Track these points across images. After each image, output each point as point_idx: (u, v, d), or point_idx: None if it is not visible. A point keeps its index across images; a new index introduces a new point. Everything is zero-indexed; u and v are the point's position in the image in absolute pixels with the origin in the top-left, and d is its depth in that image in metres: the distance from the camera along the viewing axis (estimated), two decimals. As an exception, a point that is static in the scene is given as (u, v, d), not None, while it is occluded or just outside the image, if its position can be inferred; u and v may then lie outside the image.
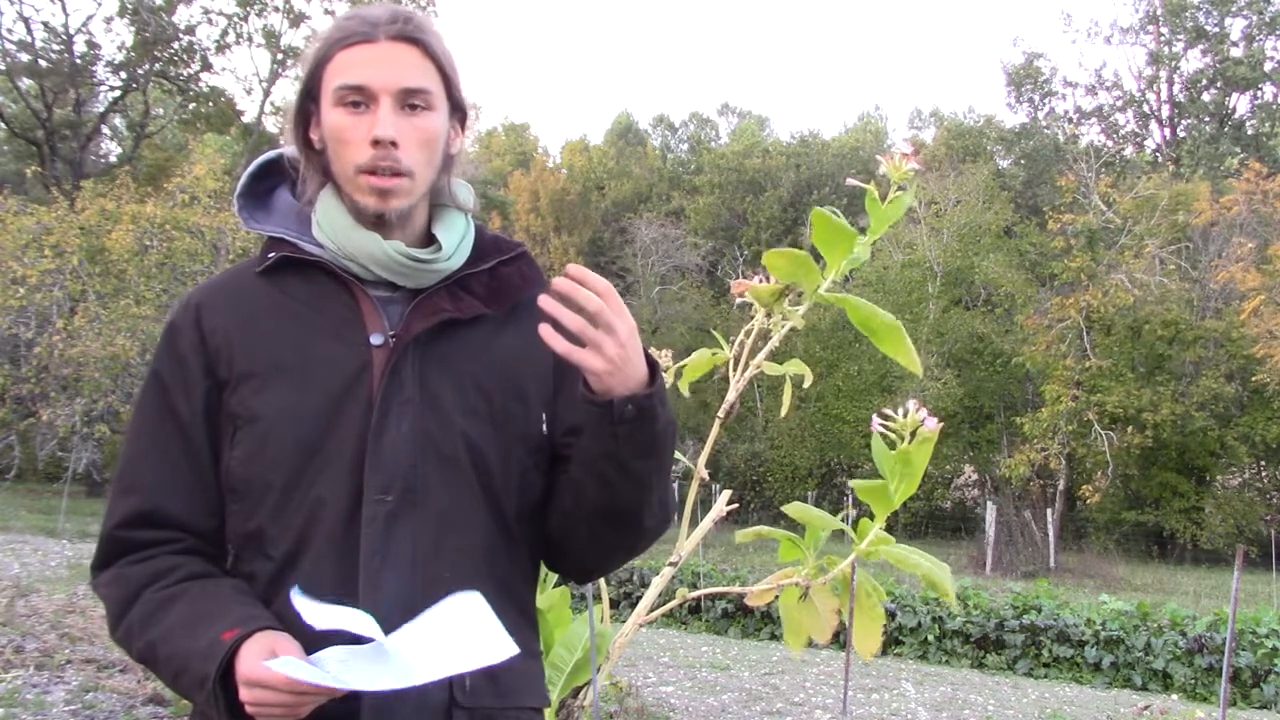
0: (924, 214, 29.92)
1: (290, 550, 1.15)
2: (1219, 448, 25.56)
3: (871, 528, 1.77)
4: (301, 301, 1.20)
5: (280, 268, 1.21)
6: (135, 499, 1.17)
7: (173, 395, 1.19)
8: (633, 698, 5.87)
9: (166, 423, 1.19)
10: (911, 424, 1.69)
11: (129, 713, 4.71)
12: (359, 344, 1.18)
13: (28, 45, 25.24)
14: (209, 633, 1.07)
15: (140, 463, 1.19)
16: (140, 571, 1.15)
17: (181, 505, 1.18)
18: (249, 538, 1.16)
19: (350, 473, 1.15)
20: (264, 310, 1.20)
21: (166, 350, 1.21)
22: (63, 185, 21.91)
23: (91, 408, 17.19)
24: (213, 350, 1.18)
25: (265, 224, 1.25)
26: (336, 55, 1.19)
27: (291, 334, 1.18)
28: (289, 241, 1.22)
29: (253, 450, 1.15)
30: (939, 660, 9.50)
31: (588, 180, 43.06)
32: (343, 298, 1.20)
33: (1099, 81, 36.87)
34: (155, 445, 1.19)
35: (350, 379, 1.17)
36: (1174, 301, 25.54)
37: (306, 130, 1.23)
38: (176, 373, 1.19)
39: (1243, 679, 8.34)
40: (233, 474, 1.16)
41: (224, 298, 1.22)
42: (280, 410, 1.15)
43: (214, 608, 1.10)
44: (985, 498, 25.70)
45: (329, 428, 1.15)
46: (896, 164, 1.73)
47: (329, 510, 1.14)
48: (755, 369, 1.79)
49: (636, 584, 11.12)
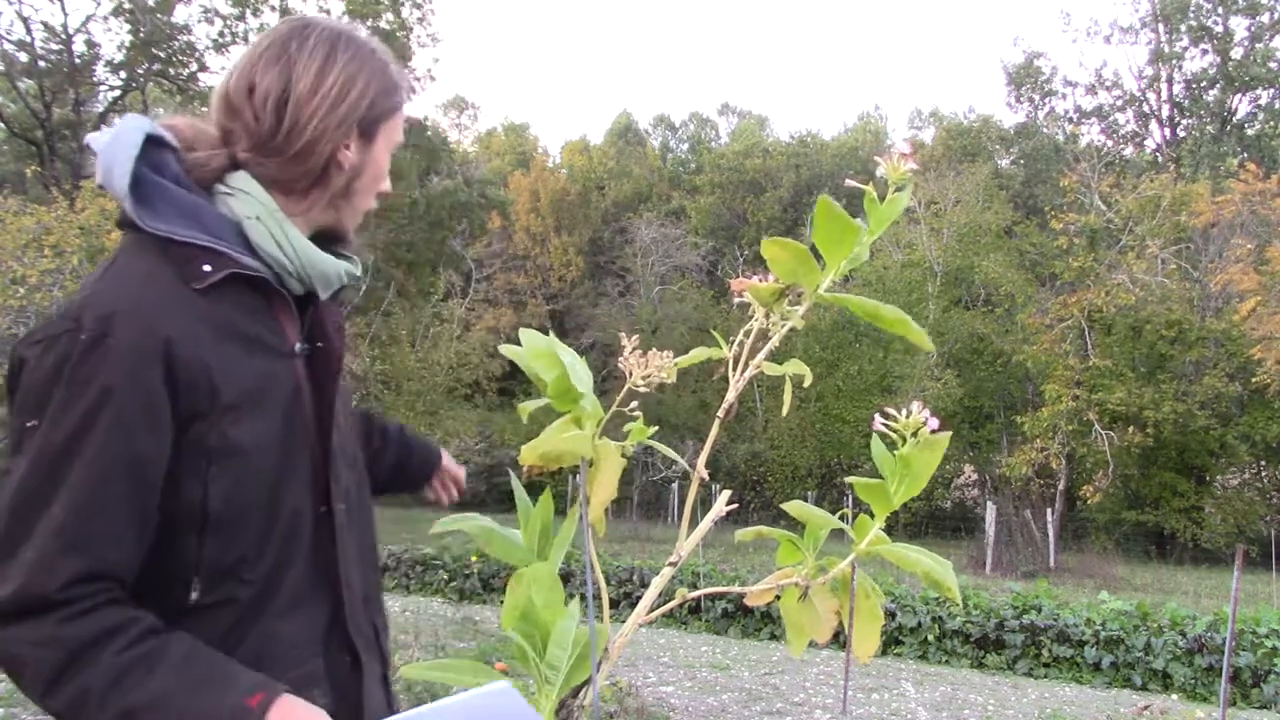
0: (924, 214, 29.94)
1: (272, 568, 1.14)
2: (1219, 447, 25.57)
3: (871, 527, 1.77)
4: (241, 317, 1.15)
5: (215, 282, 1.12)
6: (85, 558, 1.02)
7: (136, 435, 1.04)
8: (632, 697, 5.87)
9: (127, 468, 1.04)
10: (913, 424, 1.69)
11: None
12: (287, 354, 1.19)
13: (27, 45, 25.24)
14: (225, 696, 1.02)
15: (92, 515, 1.03)
16: (84, 629, 1.01)
17: (127, 563, 1.06)
18: (229, 566, 1.11)
19: (310, 485, 1.19)
20: (220, 333, 1.11)
21: (129, 383, 1.04)
22: (62, 185, 21.91)
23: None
24: (186, 383, 1.07)
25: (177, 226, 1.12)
26: (398, 115, 1.28)
27: (243, 353, 1.13)
28: (219, 254, 1.13)
29: (235, 483, 1.10)
30: (939, 660, 9.50)
31: (588, 180, 43.07)
32: (263, 306, 1.18)
33: (1099, 81, 36.92)
34: (111, 494, 1.04)
35: (292, 392, 1.18)
36: (1175, 301, 25.55)
37: (336, 149, 1.21)
38: (143, 417, 1.05)
39: (1243, 679, 8.34)
40: (210, 508, 1.08)
41: (177, 323, 1.08)
42: (256, 437, 1.12)
43: (211, 670, 1.05)
44: (985, 497, 25.71)
45: (290, 445, 1.17)
46: (894, 164, 1.73)
47: (304, 523, 1.18)
48: (755, 369, 1.79)
49: (636, 584, 11.12)
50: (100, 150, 1.13)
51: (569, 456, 1.74)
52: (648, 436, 1.83)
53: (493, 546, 1.89)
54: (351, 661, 1.25)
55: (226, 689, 1.02)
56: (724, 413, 1.84)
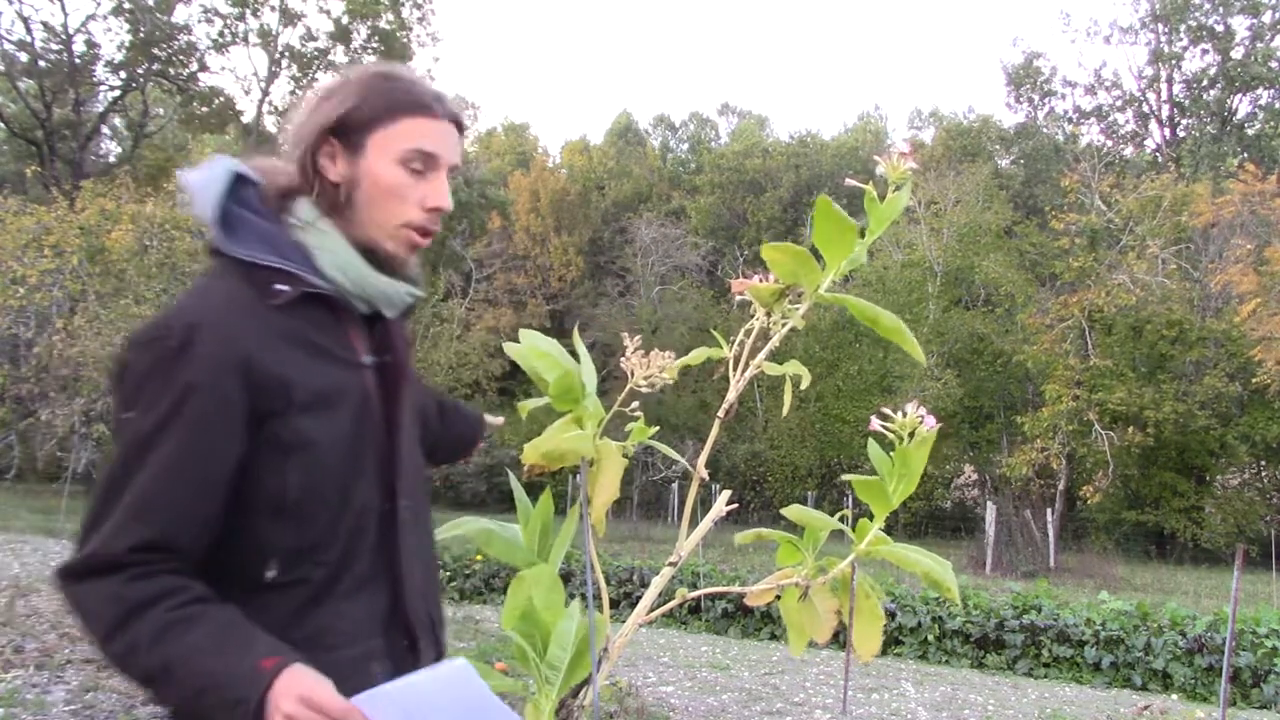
0: (924, 214, 29.93)
1: (341, 555, 1.29)
2: (1219, 447, 25.56)
3: (871, 528, 1.77)
4: (312, 330, 1.30)
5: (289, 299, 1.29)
6: (151, 527, 1.18)
7: (209, 432, 1.20)
8: (632, 697, 5.87)
9: (198, 458, 1.20)
10: (910, 424, 1.69)
11: (129, 713, 4.71)
12: (357, 366, 1.34)
13: (27, 45, 25.24)
14: (244, 658, 1.14)
15: (162, 490, 1.19)
16: (144, 590, 1.17)
17: (189, 538, 1.21)
18: (304, 548, 1.26)
19: (378, 483, 1.33)
20: (292, 342, 1.27)
21: (207, 389, 1.20)
22: (62, 185, 21.93)
23: (91, 407, 17.19)
24: (262, 388, 1.22)
25: (257, 251, 1.28)
26: (403, 120, 1.33)
27: (316, 362, 1.28)
28: (294, 275, 1.28)
29: (308, 473, 1.25)
30: (939, 660, 9.49)
31: (588, 180, 43.05)
32: (334, 323, 1.33)
33: (1098, 81, 36.92)
34: (180, 476, 1.19)
35: (361, 398, 1.33)
36: (1175, 302, 25.54)
37: (315, 158, 1.33)
38: (219, 414, 1.20)
39: (1243, 679, 8.34)
40: (288, 495, 1.24)
41: (255, 335, 1.24)
42: (327, 434, 1.27)
43: (243, 633, 1.17)
44: (985, 498, 25.71)
45: (359, 445, 1.31)
46: (894, 164, 1.73)
47: (370, 517, 1.32)
48: (755, 369, 1.79)
49: (636, 584, 11.12)
50: (192, 186, 1.30)
51: (571, 456, 1.74)
52: (648, 436, 1.84)
53: (493, 547, 1.89)
54: (409, 645, 1.37)
55: (246, 651, 1.15)
56: (724, 413, 1.84)
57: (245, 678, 1.12)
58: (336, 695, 1.12)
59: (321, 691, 1.11)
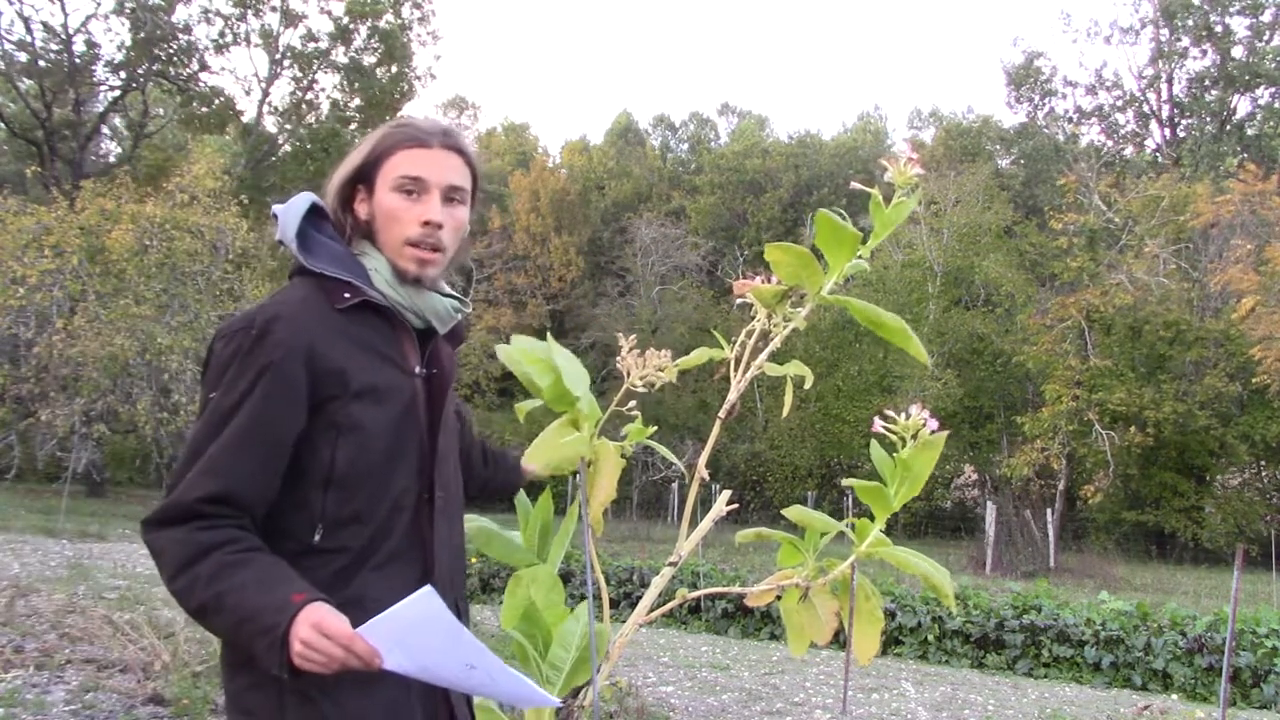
0: (924, 214, 29.91)
1: (379, 528, 1.48)
2: (1219, 447, 25.55)
3: (871, 529, 1.77)
4: (370, 334, 1.52)
5: (353, 306, 1.52)
6: (220, 482, 1.39)
7: (276, 405, 1.42)
8: (633, 698, 5.86)
9: (264, 427, 1.42)
10: (913, 426, 1.69)
11: (129, 713, 4.70)
12: (409, 372, 1.56)
13: (27, 45, 25.20)
14: (281, 593, 1.33)
15: (231, 452, 1.40)
16: (209, 536, 1.37)
17: (252, 495, 1.42)
18: (347, 517, 1.46)
19: (417, 472, 1.53)
20: (353, 341, 1.50)
21: (277, 370, 1.42)
22: (62, 185, 21.89)
23: (91, 408, 17.18)
24: (323, 374, 1.45)
25: (328, 266, 1.52)
26: (398, 153, 1.55)
27: (373, 362, 1.51)
28: (357, 287, 1.51)
29: (356, 451, 1.46)
30: (939, 660, 9.49)
31: (588, 180, 43.04)
32: (391, 334, 1.55)
33: (1099, 81, 36.91)
34: (248, 441, 1.41)
35: (410, 399, 1.54)
36: (1175, 302, 25.52)
37: (351, 200, 1.59)
38: (285, 392, 1.43)
39: (1243, 679, 8.33)
40: (337, 468, 1.45)
41: (321, 331, 1.47)
42: (375, 421, 1.48)
43: (283, 575, 1.36)
44: (985, 498, 25.70)
45: (402, 436, 1.51)
46: (901, 168, 1.73)
47: (408, 498, 1.52)
48: (756, 369, 1.79)
49: (636, 584, 11.12)
50: (279, 214, 1.56)
51: (573, 463, 1.74)
52: (646, 436, 1.83)
53: (492, 548, 1.89)
54: None
55: (282, 589, 1.33)
56: (725, 413, 1.83)
57: (277, 609, 1.30)
58: (346, 625, 1.28)
59: (332, 621, 1.28)
